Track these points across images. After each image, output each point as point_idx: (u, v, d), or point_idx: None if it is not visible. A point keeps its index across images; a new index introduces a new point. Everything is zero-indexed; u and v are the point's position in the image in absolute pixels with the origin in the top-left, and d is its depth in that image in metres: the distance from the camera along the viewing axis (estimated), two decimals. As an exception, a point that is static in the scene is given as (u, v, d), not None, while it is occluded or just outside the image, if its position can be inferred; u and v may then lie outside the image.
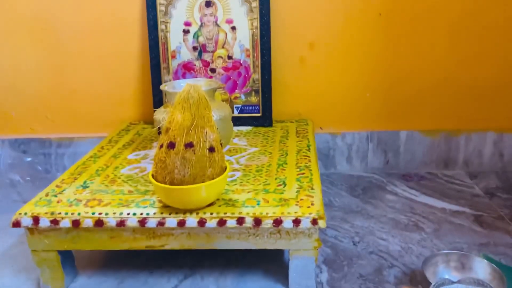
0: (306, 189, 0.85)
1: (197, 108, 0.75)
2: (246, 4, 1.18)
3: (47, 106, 1.34)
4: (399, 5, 1.19)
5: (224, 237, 0.81)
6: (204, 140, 0.75)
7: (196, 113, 0.75)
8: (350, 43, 1.23)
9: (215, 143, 0.77)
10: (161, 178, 0.76)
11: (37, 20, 1.26)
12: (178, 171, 0.74)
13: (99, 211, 0.81)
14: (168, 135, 0.76)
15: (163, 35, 1.20)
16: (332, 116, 1.30)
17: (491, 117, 1.27)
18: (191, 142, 0.75)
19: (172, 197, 0.77)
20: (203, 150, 0.75)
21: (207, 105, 0.77)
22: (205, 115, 0.76)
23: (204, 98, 0.77)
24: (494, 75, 1.23)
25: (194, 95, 0.76)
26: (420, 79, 1.25)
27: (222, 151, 0.79)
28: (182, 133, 0.75)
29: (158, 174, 0.77)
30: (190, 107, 0.75)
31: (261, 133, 1.19)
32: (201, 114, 0.76)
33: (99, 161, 1.03)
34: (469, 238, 0.98)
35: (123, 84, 1.30)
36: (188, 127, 0.75)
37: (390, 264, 0.91)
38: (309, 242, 0.79)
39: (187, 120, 0.75)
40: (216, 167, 0.77)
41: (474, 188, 1.20)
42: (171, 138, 0.75)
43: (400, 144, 1.29)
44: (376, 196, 1.18)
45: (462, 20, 1.20)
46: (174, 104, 0.77)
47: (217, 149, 0.77)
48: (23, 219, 0.80)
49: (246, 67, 1.21)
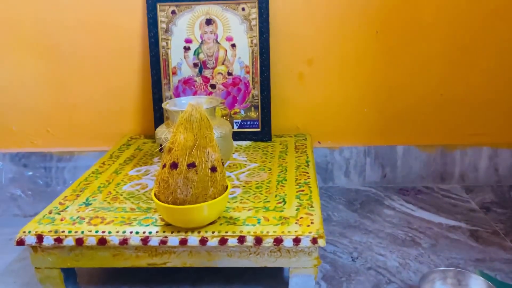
0: (306, 207, 0.87)
1: (199, 129, 0.77)
2: (245, 22, 1.20)
3: (48, 120, 1.35)
4: (396, 23, 1.22)
5: (225, 255, 0.82)
6: (206, 160, 0.77)
7: (198, 133, 0.77)
8: (348, 60, 1.25)
9: (217, 163, 0.78)
10: (164, 197, 0.77)
11: (39, 35, 1.27)
12: (181, 191, 0.76)
13: (102, 229, 0.82)
14: (171, 155, 0.77)
15: (164, 51, 1.22)
16: (330, 130, 1.32)
17: (486, 132, 1.29)
18: (193, 162, 0.76)
19: (174, 216, 0.78)
20: (205, 170, 0.77)
21: (209, 125, 0.79)
22: (207, 135, 0.78)
23: (206, 118, 0.78)
24: (489, 91, 1.26)
25: (196, 116, 0.77)
26: (416, 94, 1.27)
27: (223, 170, 0.81)
28: (185, 153, 0.76)
29: (160, 194, 0.78)
30: (192, 127, 0.77)
31: (260, 148, 1.20)
32: (203, 134, 0.77)
33: (101, 177, 1.04)
34: (466, 253, 1.00)
35: (124, 99, 1.31)
36: (190, 147, 0.76)
37: (388, 280, 0.92)
38: (309, 260, 0.81)
39: (190, 141, 0.76)
40: (217, 186, 0.78)
41: (470, 203, 1.22)
42: (173, 159, 0.77)
43: (397, 159, 1.32)
44: (373, 211, 1.20)
45: (457, 36, 1.22)
46: (177, 124, 0.78)
47: (218, 168, 0.78)
48: (27, 237, 0.82)
49: (246, 83, 1.23)
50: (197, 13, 1.20)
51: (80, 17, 1.25)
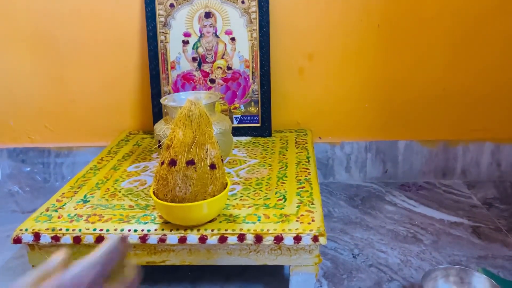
0: (307, 204, 0.86)
1: (198, 125, 0.75)
2: (245, 15, 1.18)
3: (45, 115, 1.34)
4: (398, 16, 1.20)
5: (225, 253, 0.81)
6: (205, 157, 0.75)
7: (197, 130, 0.75)
8: (349, 54, 1.24)
9: (216, 160, 0.77)
10: (163, 195, 0.76)
11: (37, 30, 1.25)
12: (180, 189, 0.75)
13: (100, 227, 0.81)
14: (170, 152, 0.76)
15: (163, 45, 1.20)
16: (331, 126, 1.30)
17: (488, 127, 1.28)
18: (192, 160, 0.75)
19: (173, 214, 0.77)
20: (204, 167, 0.75)
21: (208, 122, 0.77)
22: (206, 132, 0.76)
23: (205, 114, 0.77)
24: (491, 86, 1.24)
25: (195, 112, 0.76)
26: (418, 89, 1.26)
27: (223, 167, 0.80)
28: (184, 150, 0.75)
29: (159, 191, 0.77)
30: (191, 124, 0.75)
31: (260, 143, 1.19)
32: (202, 131, 0.76)
33: (99, 174, 1.03)
34: (468, 250, 0.99)
35: (122, 93, 1.30)
36: (189, 144, 0.75)
37: (390, 277, 0.91)
38: (309, 258, 0.80)
39: (188, 137, 0.75)
40: (217, 183, 0.77)
41: (472, 199, 1.21)
42: (172, 156, 0.75)
43: (399, 154, 1.30)
44: (375, 207, 1.19)
45: (459, 32, 1.20)
46: (175, 120, 0.76)
47: (218, 165, 0.77)
48: (24, 235, 0.80)
49: (246, 78, 1.21)
50: (196, 6, 1.18)
51: (77, 11, 1.23)
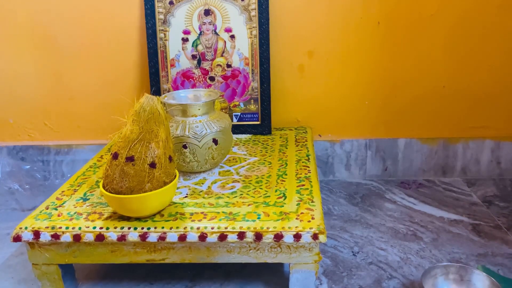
0: (307, 202, 0.86)
1: (147, 122, 0.77)
2: (245, 13, 1.18)
3: (45, 113, 1.33)
4: (398, 14, 1.20)
5: (224, 251, 0.81)
6: (146, 156, 0.76)
7: (144, 127, 0.76)
8: (349, 52, 1.23)
9: (158, 159, 0.77)
10: (104, 184, 0.79)
11: (36, 27, 1.25)
12: (117, 182, 0.76)
13: (100, 225, 0.81)
14: (115, 146, 0.78)
15: (162, 43, 1.20)
16: (331, 123, 1.30)
17: (488, 125, 1.27)
18: (132, 156, 0.76)
19: (111, 203, 0.80)
20: (143, 165, 0.76)
21: (158, 119, 0.77)
22: (153, 130, 0.77)
23: (156, 112, 0.77)
24: (491, 83, 1.24)
25: (146, 108, 0.77)
26: (418, 87, 1.25)
27: (166, 167, 0.79)
28: (126, 146, 0.76)
29: (104, 181, 0.79)
30: (139, 120, 0.76)
31: (260, 141, 1.19)
32: (149, 128, 0.77)
33: (98, 172, 1.02)
34: (467, 248, 0.99)
35: (122, 91, 1.30)
36: (133, 140, 0.76)
37: (389, 275, 0.92)
38: (309, 256, 0.80)
39: (134, 134, 0.76)
40: (154, 182, 0.77)
41: (471, 196, 1.21)
42: (116, 149, 0.77)
43: (398, 152, 1.30)
44: (374, 204, 1.19)
45: (459, 28, 1.20)
46: (128, 115, 0.78)
47: (158, 165, 0.77)
48: (24, 233, 0.80)
49: (245, 76, 1.21)
50: (196, 3, 1.18)
51: (77, 9, 1.23)
